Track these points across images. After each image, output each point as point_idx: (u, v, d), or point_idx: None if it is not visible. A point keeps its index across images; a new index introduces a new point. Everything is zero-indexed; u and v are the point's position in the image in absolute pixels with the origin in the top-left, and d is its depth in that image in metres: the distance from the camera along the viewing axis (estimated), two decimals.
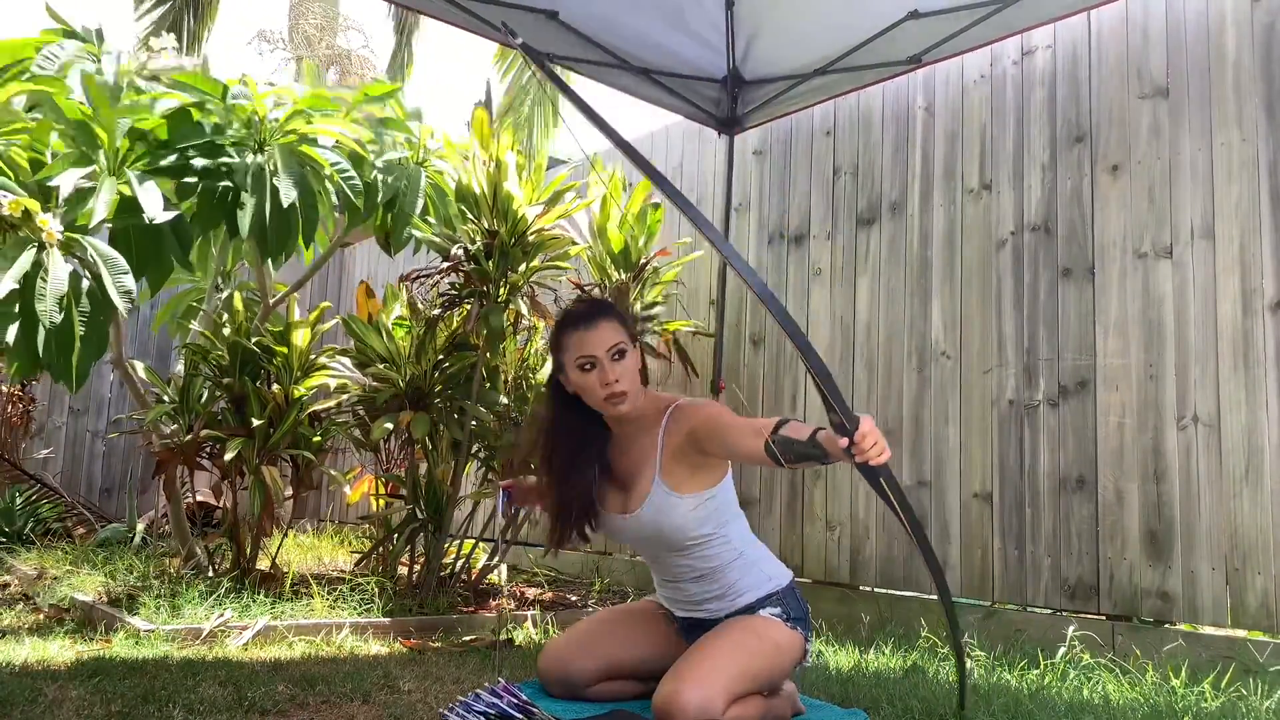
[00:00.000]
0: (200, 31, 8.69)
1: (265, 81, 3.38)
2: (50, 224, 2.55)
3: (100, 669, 2.45)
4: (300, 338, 3.70)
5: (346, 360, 3.85)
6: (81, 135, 2.77)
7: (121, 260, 2.68)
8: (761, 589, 2.20)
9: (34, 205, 2.56)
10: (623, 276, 4.10)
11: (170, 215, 2.78)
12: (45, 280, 2.50)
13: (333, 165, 3.26)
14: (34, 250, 2.52)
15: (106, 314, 2.66)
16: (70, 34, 3.23)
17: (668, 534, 2.16)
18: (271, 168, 3.04)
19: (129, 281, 2.66)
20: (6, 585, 4.02)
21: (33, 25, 3.31)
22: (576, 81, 4.08)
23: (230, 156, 3.03)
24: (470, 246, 3.64)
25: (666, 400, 2.23)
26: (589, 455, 2.22)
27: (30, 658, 2.64)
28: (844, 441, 1.74)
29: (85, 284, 2.63)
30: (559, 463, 2.24)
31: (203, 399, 3.75)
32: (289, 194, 3.00)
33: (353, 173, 3.29)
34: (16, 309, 2.48)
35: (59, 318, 2.50)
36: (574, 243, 3.84)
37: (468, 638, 3.28)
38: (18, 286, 2.45)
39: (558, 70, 3.74)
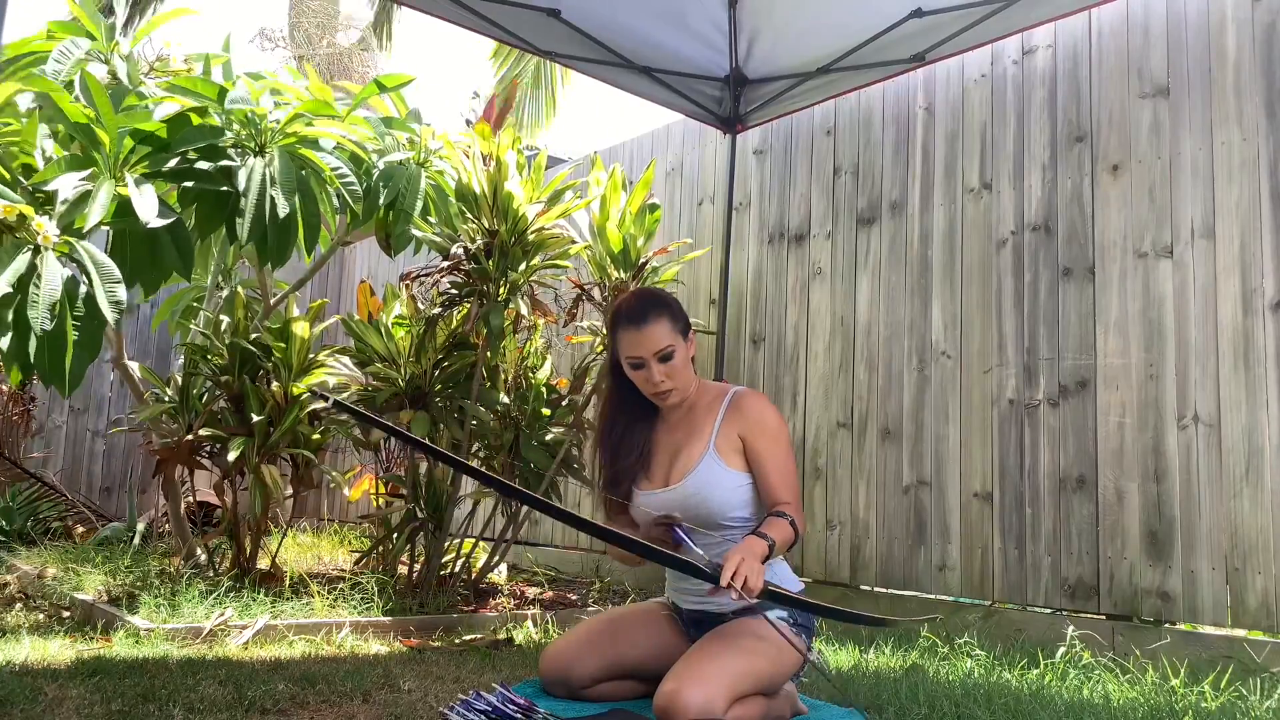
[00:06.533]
0: None
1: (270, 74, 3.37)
2: (46, 227, 2.53)
3: (100, 668, 2.45)
4: (301, 329, 3.69)
5: (346, 359, 3.85)
6: (83, 137, 2.76)
7: (114, 268, 2.66)
8: None
9: (29, 210, 2.54)
10: (622, 275, 4.09)
11: (164, 221, 2.76)
12: (38, 286, 2.49)
13: (333, 170, 3.25)
14: (29, 254, 2.50)
15: (101, 318, 2.65)
16: (84, 33, 3.20)
17: (711, 507, 2.19)
18: (271, 173, 3.03)
19: (121, 292, 2.65)
20: (6, 584, 4.01)
21: (53, 18, 3.27)
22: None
23: (230, 160, 3.02)
24: (470, 246, 3.63)
25: (721, 387, 2.34)
26: (636, 433, 2.32)
27: (30, 657, 2.64)
28: (709, 588, 1.89)
29: (83, 289, 2.61)
30: (613, 437, 2.34)
31: (203, 398, 3.75)
32: (285, 205, 3.00)
33: (353, 177, 3.29)
34: (11, 316, 2.46)
35: (50, 325, 2.48)
36: (574, 242, 3.83)
37: (468, 637, 3.28)
38: (11, 290, 2.44)
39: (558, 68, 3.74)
